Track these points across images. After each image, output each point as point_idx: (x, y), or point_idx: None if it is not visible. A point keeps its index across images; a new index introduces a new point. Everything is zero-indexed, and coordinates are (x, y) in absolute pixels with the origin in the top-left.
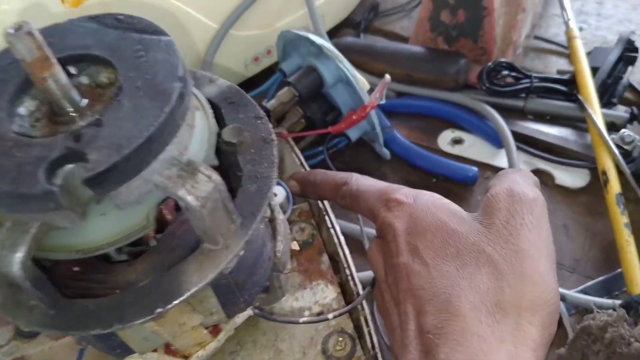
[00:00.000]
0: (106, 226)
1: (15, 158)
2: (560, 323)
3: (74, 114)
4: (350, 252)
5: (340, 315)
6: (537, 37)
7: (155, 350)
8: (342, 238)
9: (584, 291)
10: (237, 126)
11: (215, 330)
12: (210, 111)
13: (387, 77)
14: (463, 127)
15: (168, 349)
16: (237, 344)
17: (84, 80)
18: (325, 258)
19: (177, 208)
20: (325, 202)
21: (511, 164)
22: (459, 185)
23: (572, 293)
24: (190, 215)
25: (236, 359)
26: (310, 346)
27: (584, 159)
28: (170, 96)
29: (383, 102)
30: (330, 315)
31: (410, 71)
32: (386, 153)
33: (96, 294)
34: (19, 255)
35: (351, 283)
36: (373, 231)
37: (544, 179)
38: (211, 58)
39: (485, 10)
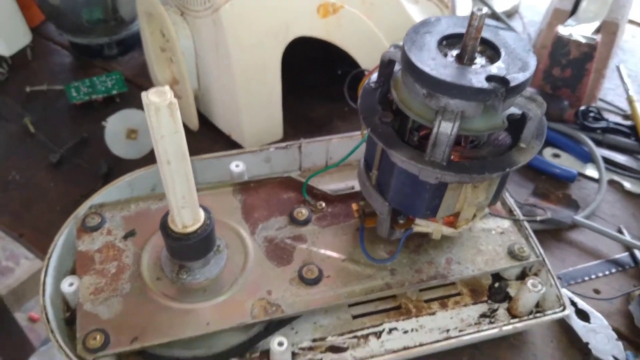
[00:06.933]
0: (487, 120)
1: (467, 74)
2: None
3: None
4: None
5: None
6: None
7: (435, 221)
8: None
9: None
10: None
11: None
12: None
13: None
14: (560, 147)
15: (446, 220)
16: (451, 242)
17: None
18: None
19: None
20: None
21: (600, 173)
22: (560, 182)
23: None
24: (531, 121)
25: (452, 250)
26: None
27: None
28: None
29: None
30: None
31: None
32: None
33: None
34: (457, 124)
35: None
36: None
37: (616, 187)
38: None
39: (586, 72)
